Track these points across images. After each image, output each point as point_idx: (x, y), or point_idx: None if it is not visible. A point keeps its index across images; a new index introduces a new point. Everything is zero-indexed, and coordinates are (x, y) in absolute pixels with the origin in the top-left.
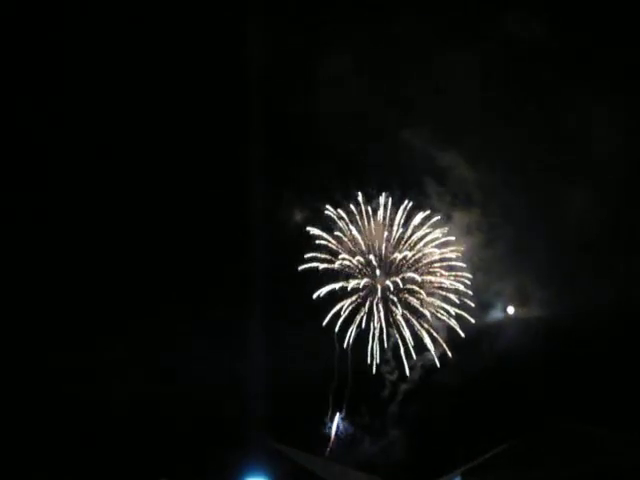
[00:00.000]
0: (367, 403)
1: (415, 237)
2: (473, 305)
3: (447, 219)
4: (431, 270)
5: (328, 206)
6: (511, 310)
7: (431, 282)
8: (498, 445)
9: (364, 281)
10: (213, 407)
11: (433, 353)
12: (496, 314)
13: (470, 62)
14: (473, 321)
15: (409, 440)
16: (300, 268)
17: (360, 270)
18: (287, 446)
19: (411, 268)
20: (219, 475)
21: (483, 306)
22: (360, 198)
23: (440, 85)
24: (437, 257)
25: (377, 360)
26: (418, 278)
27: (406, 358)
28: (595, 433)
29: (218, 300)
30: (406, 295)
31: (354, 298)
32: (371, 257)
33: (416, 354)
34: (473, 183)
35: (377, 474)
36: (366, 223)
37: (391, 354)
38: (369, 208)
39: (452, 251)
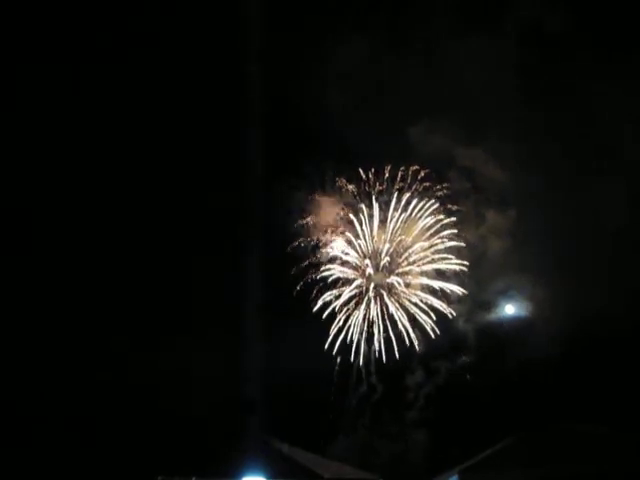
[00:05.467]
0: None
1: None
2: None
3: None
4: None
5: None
6: (510, 309)
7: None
8: (496, 444)
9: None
10: (211, 406)
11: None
12: (500, 313)
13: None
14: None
15: (409, 439)
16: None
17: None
18: (286, 444)
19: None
20: (217, 473)
21: (486, 304)
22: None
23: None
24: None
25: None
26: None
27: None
28: (595, 433)
29: (216, 299)
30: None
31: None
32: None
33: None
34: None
35: (376, 472)
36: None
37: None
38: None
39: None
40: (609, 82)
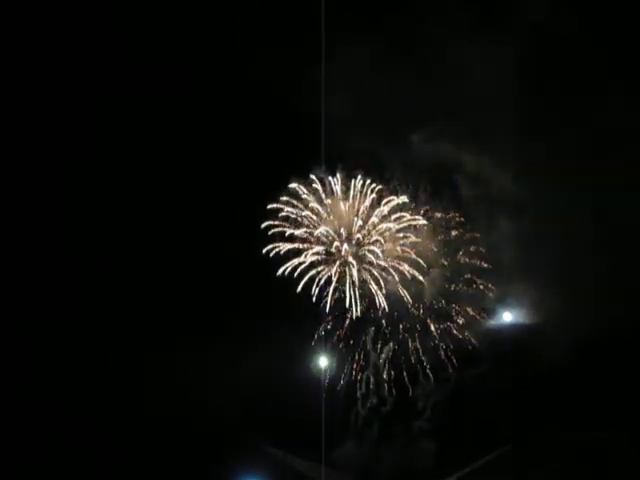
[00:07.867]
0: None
1: None
2: None
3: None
4: None
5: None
6: (508, 317)
7: None
8: (494, 450)
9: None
10: (210, 411)
11: None
12: (499, 320)
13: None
14: None
15: (405, 445)
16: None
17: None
18: (283, 451)
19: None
20: (215, 479)
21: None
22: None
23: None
24: None
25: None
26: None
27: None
28: (593, 438)
29: (213, 305)
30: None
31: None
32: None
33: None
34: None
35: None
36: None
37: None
38: None
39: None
40: (620, 83)
